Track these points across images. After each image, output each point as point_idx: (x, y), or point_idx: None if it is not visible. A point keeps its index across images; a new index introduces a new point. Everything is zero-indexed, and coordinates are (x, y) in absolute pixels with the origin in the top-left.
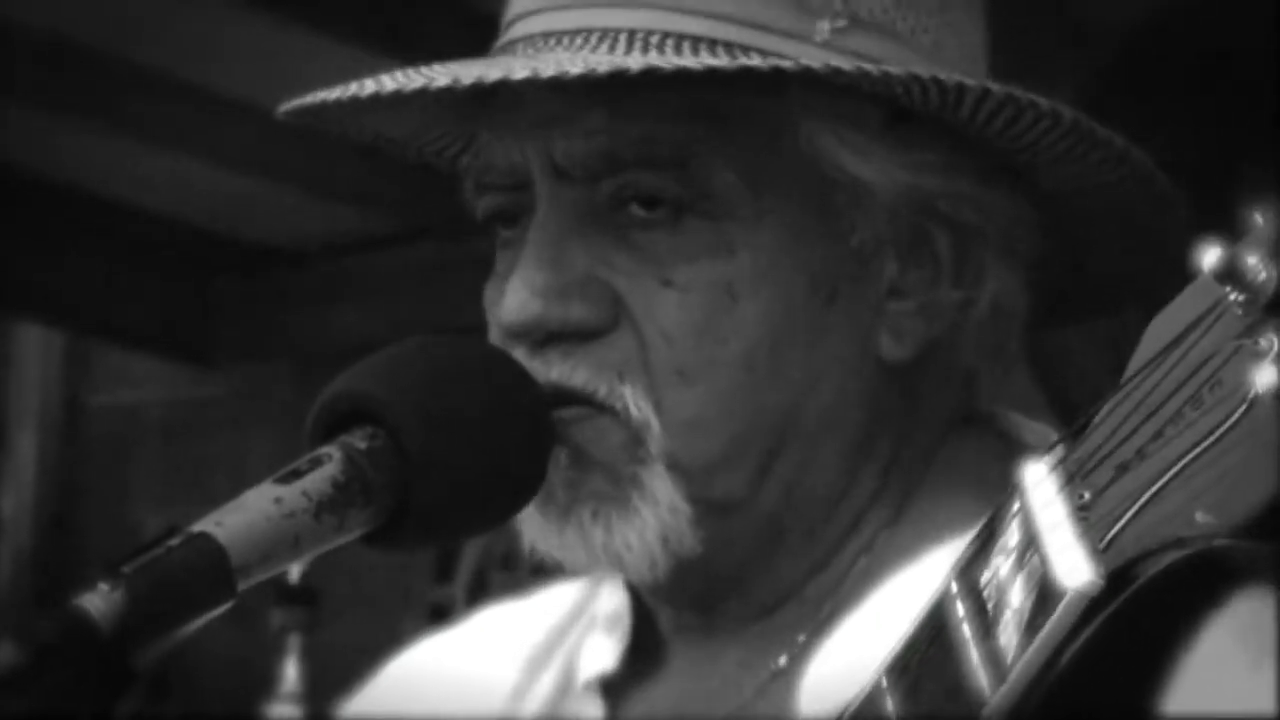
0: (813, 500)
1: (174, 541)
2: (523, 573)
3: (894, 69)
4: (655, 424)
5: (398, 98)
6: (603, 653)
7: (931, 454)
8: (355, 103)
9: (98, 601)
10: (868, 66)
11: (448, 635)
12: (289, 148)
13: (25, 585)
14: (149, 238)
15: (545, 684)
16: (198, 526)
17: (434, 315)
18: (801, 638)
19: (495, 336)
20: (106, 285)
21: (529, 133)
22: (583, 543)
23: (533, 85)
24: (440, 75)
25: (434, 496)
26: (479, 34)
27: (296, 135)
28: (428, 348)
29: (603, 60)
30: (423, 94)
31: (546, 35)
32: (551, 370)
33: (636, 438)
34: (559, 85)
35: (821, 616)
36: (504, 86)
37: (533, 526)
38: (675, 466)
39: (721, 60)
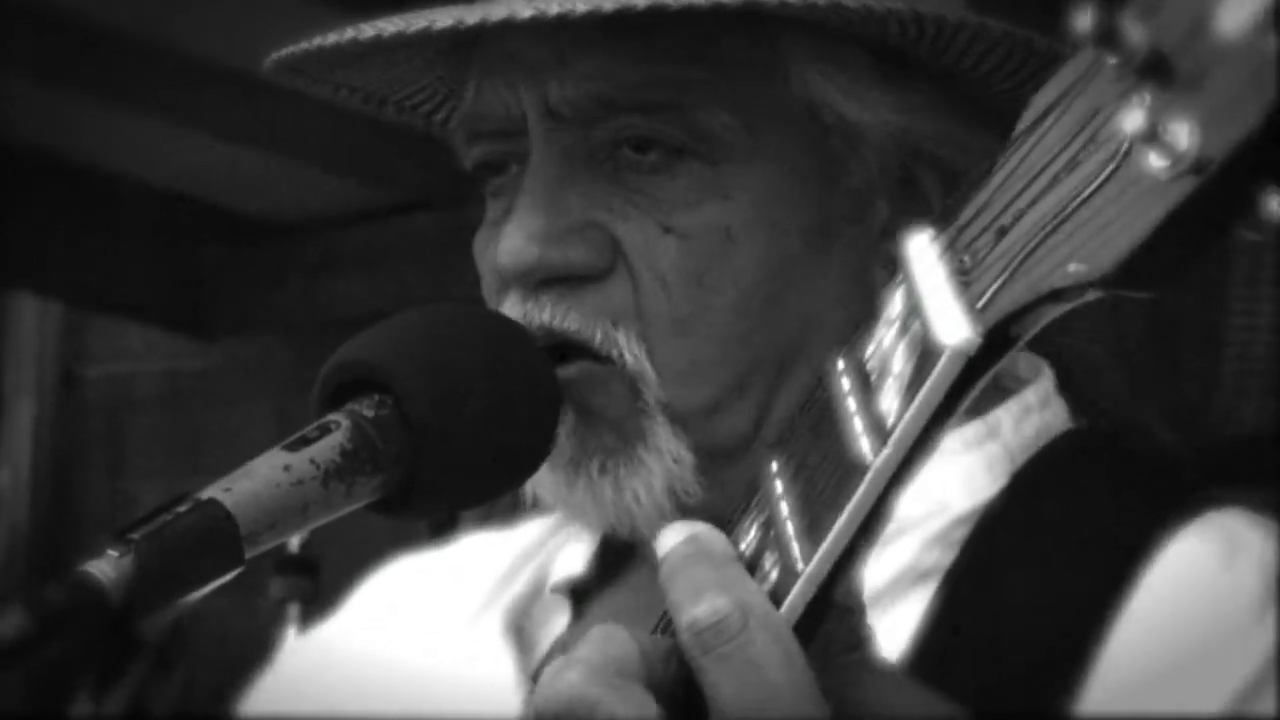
0: None
1: (182, 508)
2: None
3: (875, 4)
4: (650, 372)
5: (378, 44)
6: (573, 558)
7: None
8: (339, 52)
9: (106, 568)
10: (849, 2)
11: (429, 554)
12: (286, 119)
13: (21, 556)
14: (145, 209)
15: (517, 589)
16: (206, 493)
17: (431, 286)
18: None
19: (489, 284)
20: (103, 257)
21: (522, 78)
22: (592, 499)
23: (525, 29)
24: (417, 21)
25: (442, 464)
26: None
27: (294, 106)
28: (435, 316)
29: (582, 1)
30: (401, 39)
31: None
32: (545, 313)
33: (634, 387)
34: (550, 28)
35: None
36: (497, 30)
37: (541, 481)
38: (673, 415)
39: None
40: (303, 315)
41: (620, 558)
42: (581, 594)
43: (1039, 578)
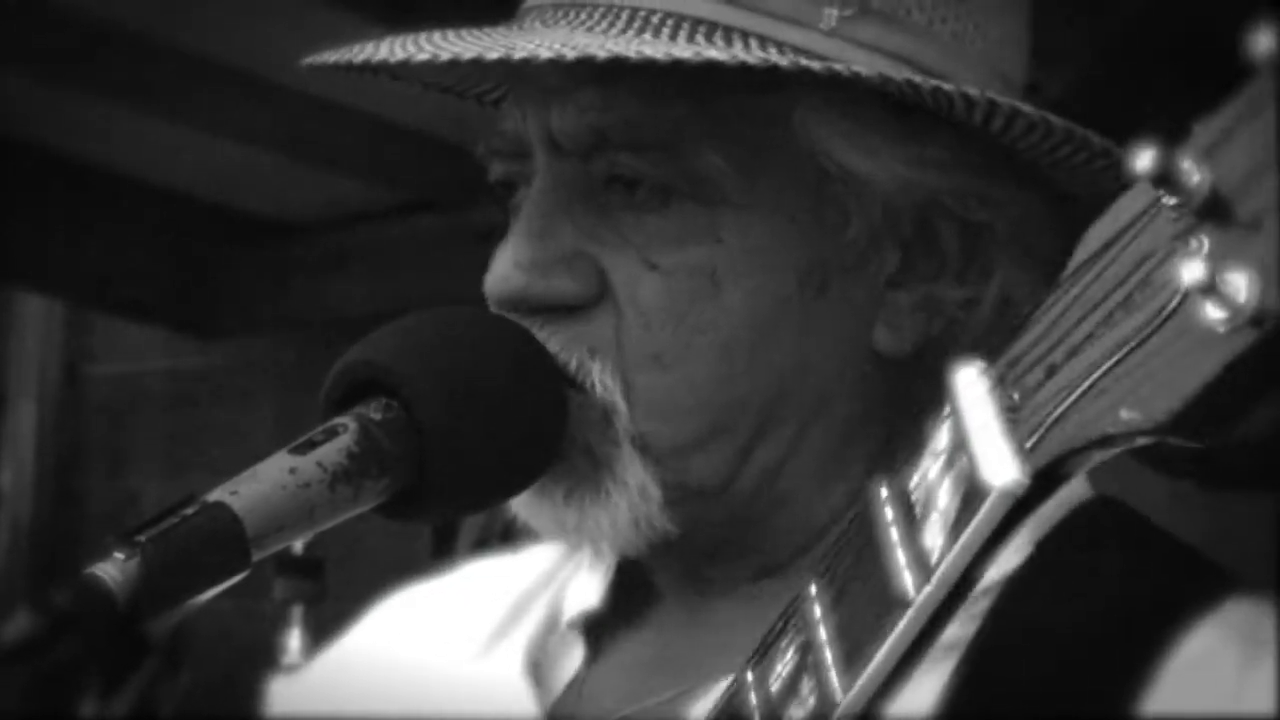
0: (796, 487)
1: (189, 511)
2: (522, 545)
3: (863, 69)
4: (622, 405)
5: (383, 67)
6: (587, 591)
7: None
8: (404, 67)
9: (113, 570)
10: (838, 67)
11: (434, 583)
12: (290, 119)
13: (24, 555)
14: (150, 208)
15: (530, 624)
16: (213, 496)
17: (435, 287)
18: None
19: (489, 300)
20: (106, 256)
21: (532, 103)
22: (556, 522)
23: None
24: (425, 49)
25: (449, 468)
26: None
27: (297, 106)
28: (444, 319)
29: (590, 42)
30: (406, 65)
31: (557, 7)
32: None
33: (606, 417)
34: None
35: None
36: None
37: (519, 499)
38: (645, 450)
39: (706, 50)
40: (306, 315)
41: (636, 589)
42: (596, 628)
43: (1060, 654)
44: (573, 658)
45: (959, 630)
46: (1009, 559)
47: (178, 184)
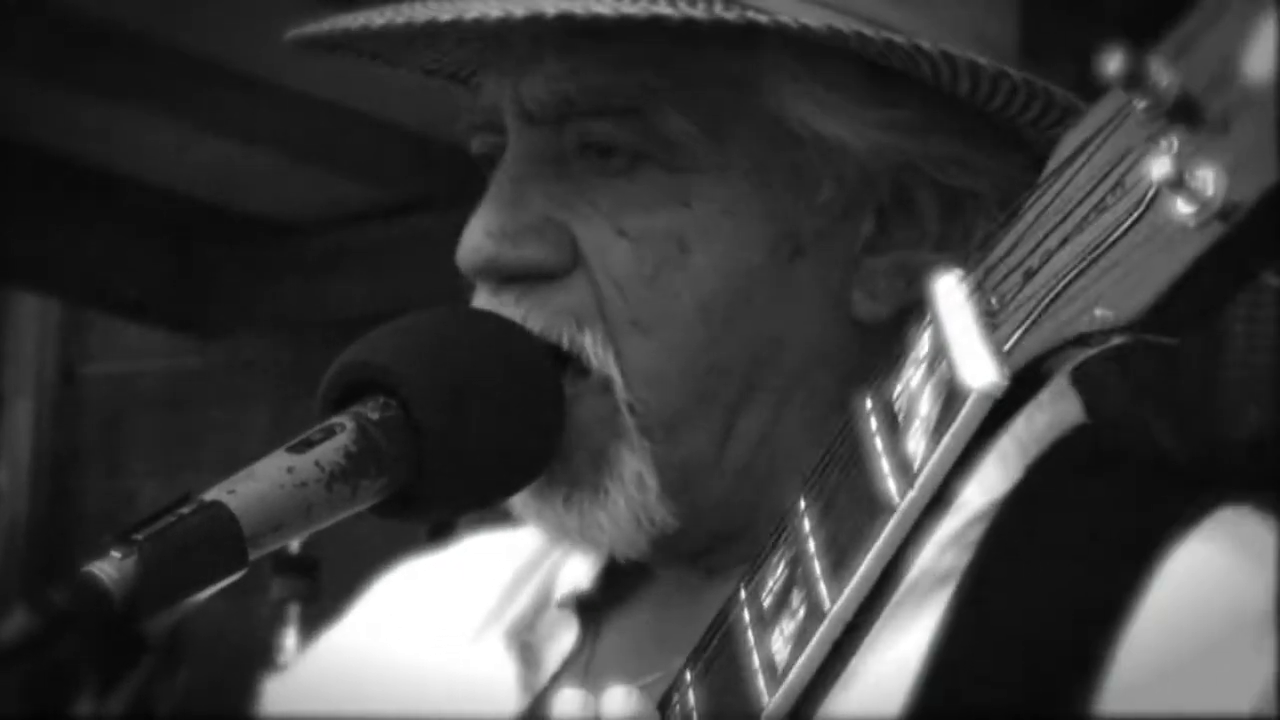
0: (786, 458)
1: (186, 509)
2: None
3: (812, 22)
4: (617, 374)
5: (348, 36)
6: (579, 571)
7: None
8: (365, 33)
9: (110, 569)
10: (784, 19)
11: (435, 558)
12: (288, 119)
13: (21, 554)
14: (146, 208)
15: (523, 602)
16: (210, 494)
17: (431, 286)
18: None
19: None
20: (103, 255)
21: (508, 73)
22: (559, 528)
23: (512, 28)
24: (386, 15)
25: (447, 468)
26: None
27: (295, 106)
28: (441, 318)
29: (546, 4)
30: (367, 32)
31: None
32: (508, 311)
33: (607, 389)
34: (533, 29)
35: None
36: (497, 26)
37: (520, 504)
38: (641, 422)
39: (653, 7)
40: (302, 315)
41: (629, 571)
42: (589, 607)
43: (1054, 577)
44: (566, 637)
45: (954, 559)
46: (999, 484)
47: (177, 184)
